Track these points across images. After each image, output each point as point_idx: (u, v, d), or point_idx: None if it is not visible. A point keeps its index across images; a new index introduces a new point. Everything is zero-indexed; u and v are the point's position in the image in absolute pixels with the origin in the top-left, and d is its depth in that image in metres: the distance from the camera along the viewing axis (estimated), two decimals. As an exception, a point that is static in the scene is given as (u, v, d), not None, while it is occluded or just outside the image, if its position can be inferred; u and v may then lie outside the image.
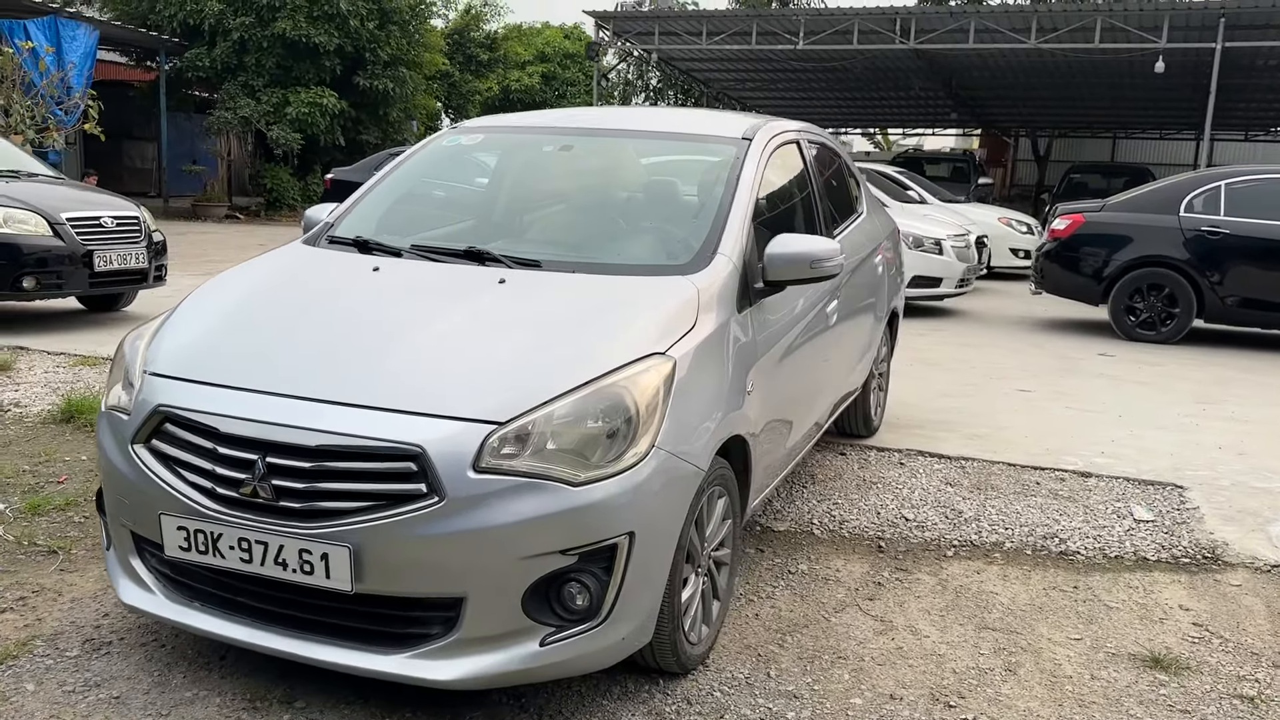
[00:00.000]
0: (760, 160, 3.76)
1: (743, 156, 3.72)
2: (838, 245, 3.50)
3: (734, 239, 3.36)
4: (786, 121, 4.44)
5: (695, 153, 3.86)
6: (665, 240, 3.53)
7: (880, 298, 5.20)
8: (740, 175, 3.62)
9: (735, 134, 3.90)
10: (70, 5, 25.13)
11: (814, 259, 3.40)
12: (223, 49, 22.43)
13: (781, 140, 4.11)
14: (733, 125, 4.00)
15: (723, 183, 3.60)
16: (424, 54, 25.00)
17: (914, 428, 5.93)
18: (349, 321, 3.00)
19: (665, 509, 2.66)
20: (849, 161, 5.27)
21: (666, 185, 3.89)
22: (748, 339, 3.27)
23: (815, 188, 4.36)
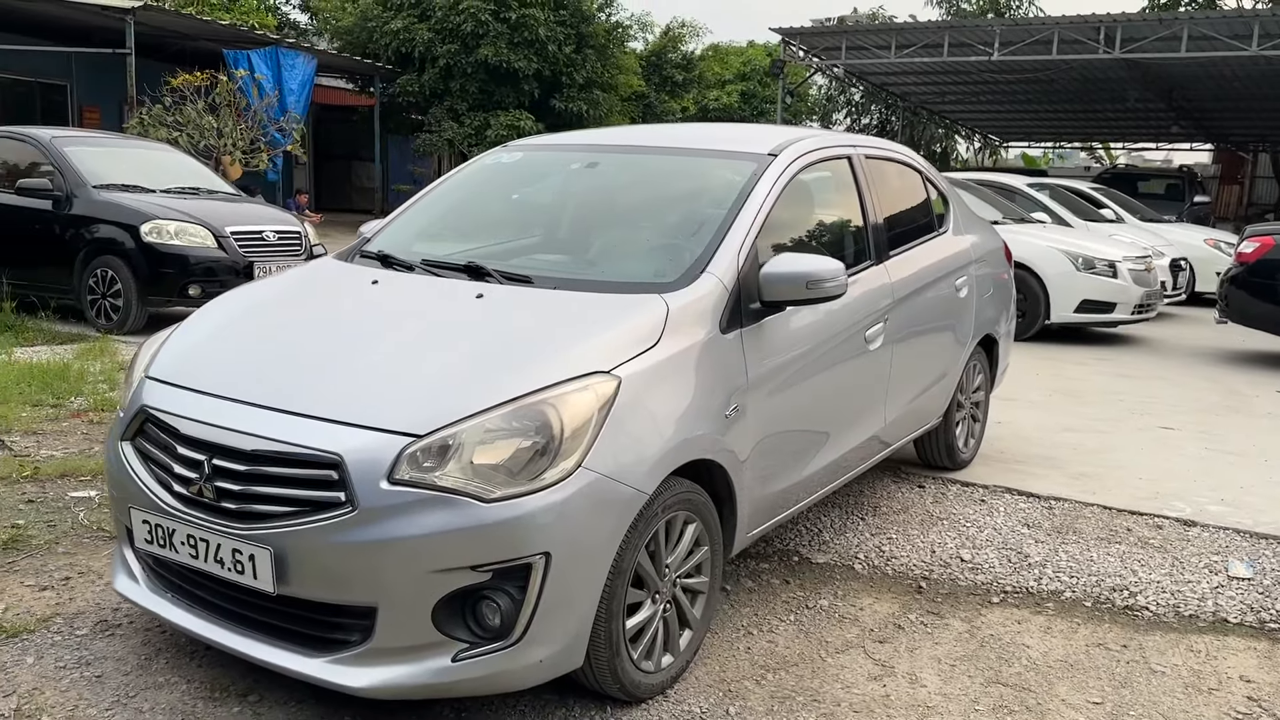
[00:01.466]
0: (779, 178, 3.63)
1: (760, 173, 3.62)
2: (839, 265, 3.34)
3: (728, 258, 3.27)
4: (840, 137, 4.29)
5: (715, 169, 3.78)
6: (661, 258, 3.47)
7: (963, 322, 4.90)
8: (751, 193, 3.52)
9: (761, 150, 3.79)
10: (290, 36, 27.38)
11: (811, 278, 3.26)
12: (430, 75, 23.74)
13: (819, 157, 3.96)
14: (765, 141, 3.90)
15: (730, 200, 3.51)
16: (619, 76, 25.58)
17: (1016, 463, 5.55)
18: (321, 333, 3.12)
19: (593, 531, 2.62)
20: (935, 179, 5.00)
21: (678, 202, 3.83)
22: (736, 360, 3.17)
23: (869, 206, 4.17)
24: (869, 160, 4.33)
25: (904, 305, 4.25)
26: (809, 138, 4.02)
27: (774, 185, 3.60)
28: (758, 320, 3.30)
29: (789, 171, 3.71)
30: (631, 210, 3.90)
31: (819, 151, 3.98)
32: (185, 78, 14.37)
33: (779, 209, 3.61)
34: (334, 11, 26.23)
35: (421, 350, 2.90)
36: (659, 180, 3.96)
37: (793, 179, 3.72)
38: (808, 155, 3.88)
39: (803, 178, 3.83)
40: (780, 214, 3.63)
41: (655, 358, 2.89)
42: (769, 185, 3.58)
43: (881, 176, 4.48)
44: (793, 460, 3.59)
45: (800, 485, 3.69)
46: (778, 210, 3.60)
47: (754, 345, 3.27)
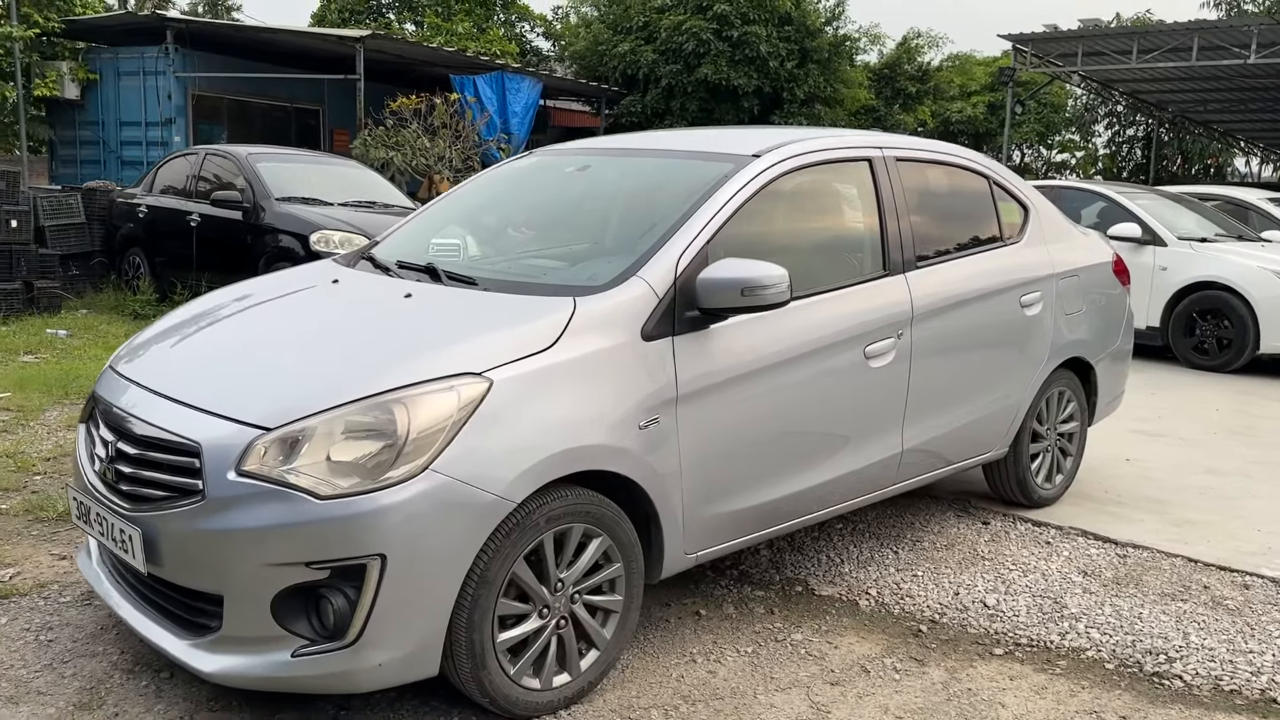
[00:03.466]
0: (752, 181, 3.43)
1: (729, 176, 3.44)
2: (780, 273, 3.10)
3: (665, 262, 3.12)
4: (869, 138, 4.00)
5: (694, 172, 3.59)
6: (606, 260, 3.35)
7: (1033, 343, 4.42)
8: (712, 196, 3.35)
9: (745, 151, 3.60)
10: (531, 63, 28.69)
11: (747, 285, 3.06)
12: (653, 95, 24.24)
13: (816, 159, 3.71)
14: (756, 142, 3.69)
15: (689, 204, 3.34)
16: (843, 90, 25.08)
17: (1115, 503, 4.95)
18: (253, 328, 3.26)
19: (440, 536, 2.56)
20: (1010, 185, 4.54)
21: (645, 205, 3.69)
22: (661, 370, 3.01)
23: (890, 213, 3.86)
24: (901, 164, 4.00)
25: (932, 321, 3.90)
26: (811, 139, 3.78)
27: (743, 188, 3.40)
28: (697, 328, 3.12)
29: (767, 174, 3.49)
30: (600, 213, 3.81)
31: (819, 154, 3.73)
32: (403, 101, 15.38)
33: (749, 213, 3.42)
34: (569, 37, 27.32)
35: (313, 347, 2.96)
36: (638, 183, 3.86)
37: (771, 182, 3.51)
38: (800, 157, 3.64)
39: (789, 181, 3.60)
40: (751, 218, 3.43)
41: (544, 361, 2.80)
42: (736, 188, 3.39)
43: (919, 181, 4.13)
44: (754, 481, 3.36)
45: (772, 508, 3.46)
46: (747, 214, 3.41)
47: (691, 354, 3.09)
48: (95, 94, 17.73)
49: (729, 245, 3.36)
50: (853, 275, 3.74)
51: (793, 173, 3.61)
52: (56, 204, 10.99)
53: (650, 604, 3.68)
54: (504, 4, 30.31)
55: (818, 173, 3.75)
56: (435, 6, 27.74)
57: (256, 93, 18.79)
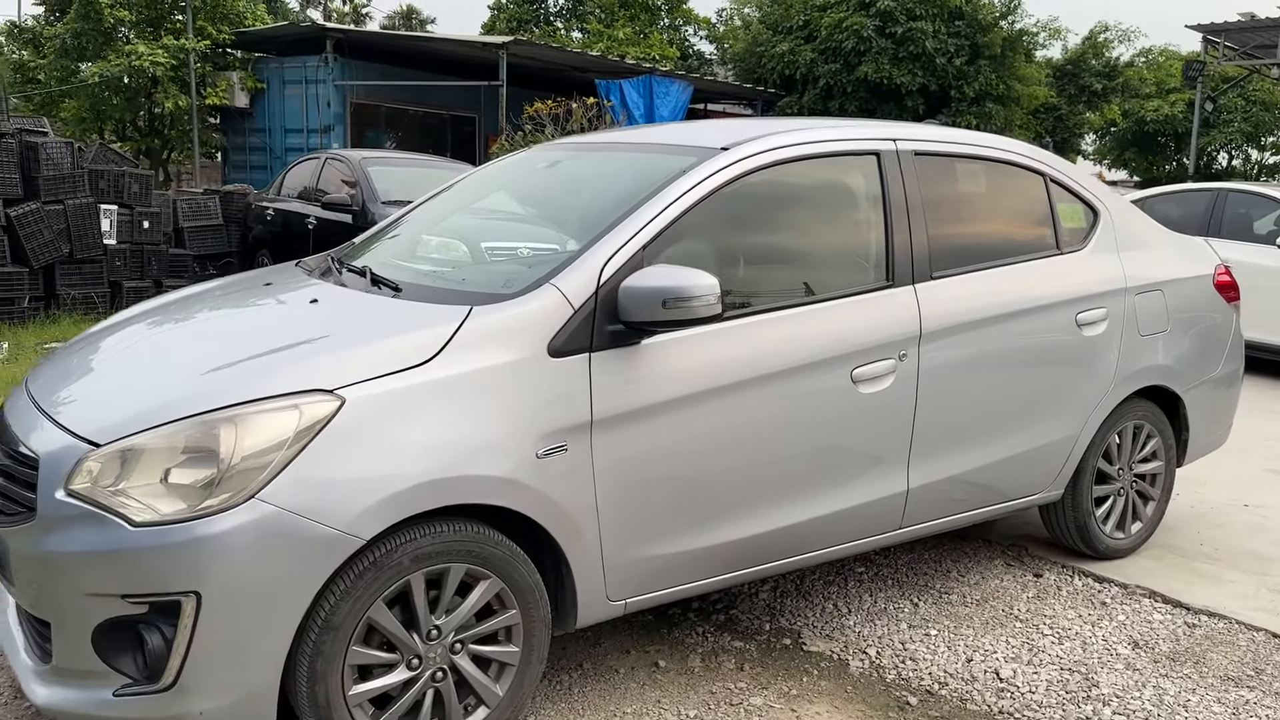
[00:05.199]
0: (711, 177, 3.01)
1: (684, 171, 3.02)
2: (709, 283, 2.68)
3: (587, 268, 2.76)
4: (881, 128, 3.48)
5: (655, 167, 3.18)
6: (529, 265, 3.01)
7: (1093, 367, 3.78)
8: (659, 194, 2.95)
9: (713, 144, 3.17)
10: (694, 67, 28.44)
11: (670, 295, 2.66)
12: (810, 96, 23.56)
13: (803, 153, 3.24)
14: (732, 133, 3.27)
15: (630, 203, 2.96)
16: (1018, 87, 23.63)
17: (1207, 559, 4.21)
18: (156, 333, 3.07)
19: (267, 575, 2.29)
20: (1073, 183, 3.90)
21: (595, 203, 3.30)
22: (572, 390, 2.65)
23: (899, 214, 3.34)
24: (922, 159, 3.47)
25: (948, 340, 3.36)
26: (801, 130, 3.32)
27: (698, 185, 2.99)
28: (622, 344, 2.73)
29: (733, 170, 3.06)
30: (551, 212, 3.45)
31: (805, 147, 3.26)
32: (540, 105, 15.40)
33: (708, 213, 3.01)
34: (729, 39, 26.95)
35: (184, 358, 2.74)
36: (597, 181, 3.48)
37: (738, 179, 3.07)
38: (778, 151, 3.18)
39: (763, 177, 3.15)
40: (711, 219, 3.02)
41: (417, 379, 2.49)
42: (690, 185, 2.98)
43: (945, 179, 3.59)
44: (704, 520, 2.95)
45: (730, 551, 3.03)
46: (705, 215, 3.00)
47: (613, 374, 2.72)
48: (263, 102, 18.66)
49: (680, 250, 2.95)
50: (843, 286, 3.25)
51: (769, 168, 3.15)
52: (196, 207, 11.49)
53: (609, 650, 3.32)
54: (669, 9, 30.25)
55: (804, 168, 3.28)
56: (598, 12, 27.93)
57: (413, 100, 19.34)
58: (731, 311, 3.01)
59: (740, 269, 3.19)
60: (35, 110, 17.94)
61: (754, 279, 3.20)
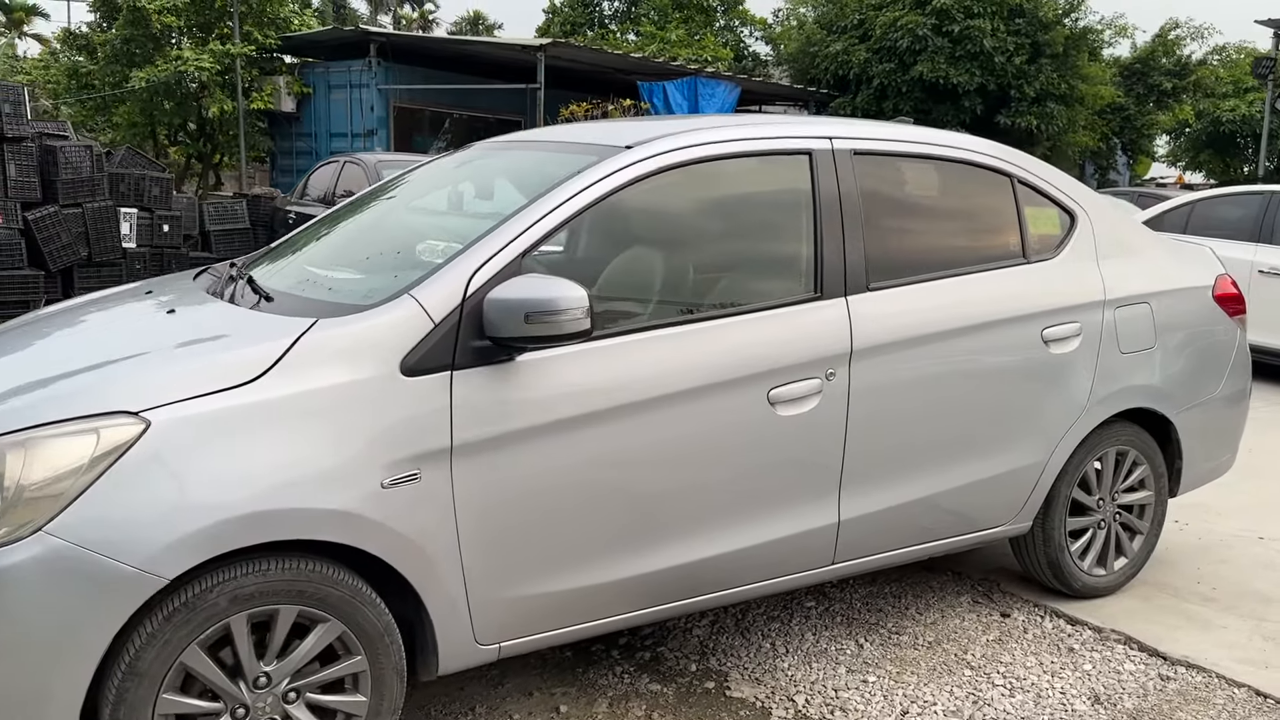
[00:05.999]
0: (606, 179, 2.75)
1: (580, 172, 2.77)
2: (577, 295, 2.43)
3: (453, 278, 2.52)
4: (811, 125, 3.18)
5: (553, 166, 2.93)
6: (394, 273, 2.77)
7: (1063, 390, 3.42)
8: (545, 196, 2.70)
9: (619, 142, 2.91)
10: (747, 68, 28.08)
11: (531, 308, 2.40)
12: (864, 96, 23.04)
13: (718, 152, 2.96)
14: (644, 131, 2.99)
15: (513, 206, 2.71)
16: (1082, 86, 22.82)
17: (1199, 599, 3.81)
18: (16, 344, 2.89)
19: (55, 616, 2.09)
20: (1045, 184, 3.54)
21: (480, 207, 3.05)
22: (429, 413, 2.41)
23: (831, 220, 3.03)
24: (862, 158, 3.16)
25: (885, 358, 3.05)
26: (719, 128, 3.03)
27: (591, 187, 2.73)
28: (491, 361, 2.49)
29: (635, 170, 2.79)
30: (446, 219, 3.21)
31: (721, 145, 2.97)
32: (575, 108, 15.25)
33: (603, 218, 2.76)
34: (783, 39, 26.53)
35: (9, 375, 2.53)
36: (498, 179, 3.22)
37: (640, 180, 2.80)
38: (688, 150, 2.89)
39: (671, 179, 2.87)
40: (606, 225, 2.76)
41: (239, 399, 2.26)
42: (581, 186, 2.72)
43: (891, 181, 3.28)
44: (590, 556, 2.69)
45: (625, 590, 2.77)
46: (599, 219, 2.76)
47: (479, 394, 2.47)
48: (309, 107, 18.80)
49: (570, 258, 2.70)
50: (762, 299, 2.96)
51: (677, 169, 2.87)
52: (222, 211, 11.51)
53: (511, 691, 3.08)
54: (725, 9, 29.92)
55: (721, 169, 3.00)
56: (652, 14, 27.72)
57: (457, 104, 19.31)
58: (629, 325, 2.76)
59: (642, 279, 2.92)
60: (89, 115, 18.30)
61: (658, 290, 2.93)
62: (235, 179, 19.22)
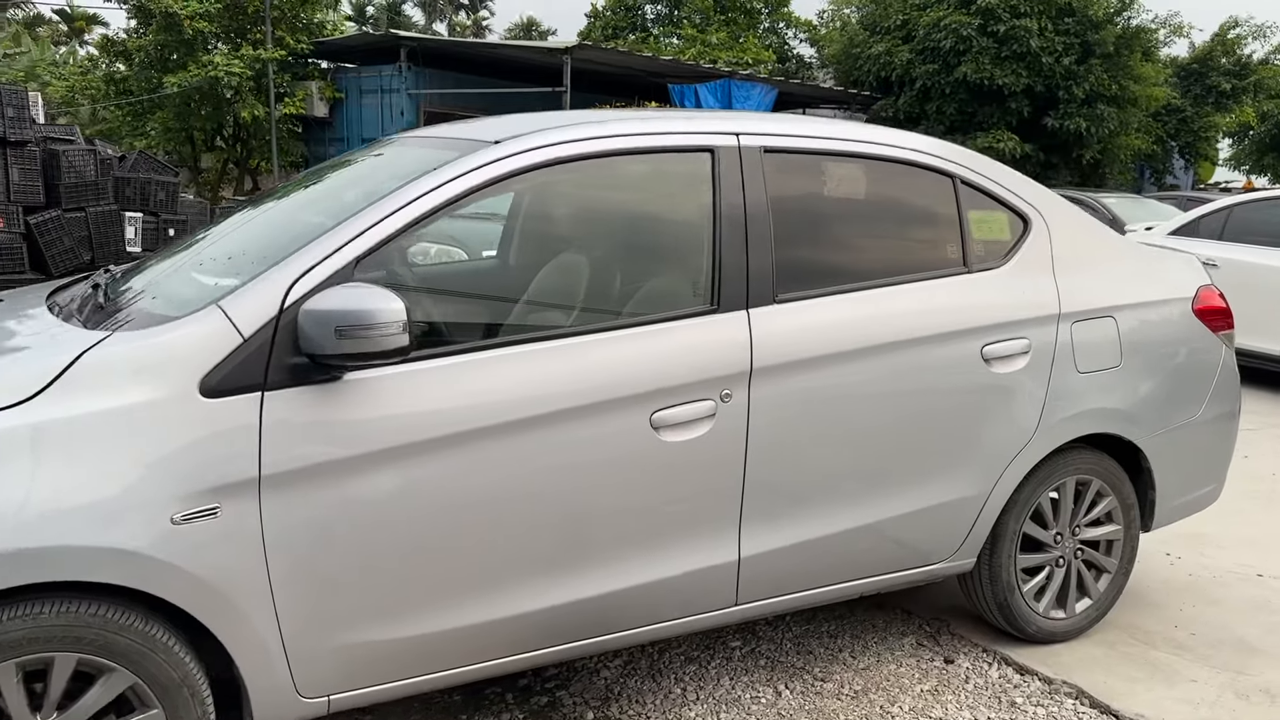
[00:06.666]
0: (461, 178, 2.49)
1: (434, 169, 2.50)
2: (394, 310, 2.16)
3: (270, 288, 2.27)
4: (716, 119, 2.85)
5: (417, 163, 2.65)
6: (231, 279, 2.50)
7: (1007, 414, 3.07)
8: (392, 194, 2.44)
9: (487, 138, 2.64)
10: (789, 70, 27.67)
11: (342, 323, 2.14)
12: (906, 98, 22.53)
13: (604, 149, 2.66)
14: (520, 126, 2.72)
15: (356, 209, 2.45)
16: (1133, 87, 22.05)
17: (1174, 646, 3.42)
18: None
19: None
20: (993, 186, 3.19)
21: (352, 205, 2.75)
22: (234, 439, 2.16)
23: (734, 224, 2.73)
24: (773, 156, 2.85)
25: (792, 378, 2.73)
26: (607, 123, 2.73)
27: (442, 187, 2.47)
28: (311, 381, 2.23)
29: (496, 169, 2.52)
30: (315, 216, 2.93)
31: (610, 141, 2.68)
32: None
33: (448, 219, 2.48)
34: (827, 41, 26.08)
35: None
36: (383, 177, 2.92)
37: (501, 179, 2.53)
38: (567, 146, 2.61)
39: (542, 178, 2.62)
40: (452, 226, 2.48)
41: (5, 423, 2.02)
42: (431, 186, 2.46)
43: (810, 181, 2.96)
44: (437, 598, 2.41)
45: (483, 635, 2.49)
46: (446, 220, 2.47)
47: (295, 417, 2.22)
48: (342, 111, 18.81)
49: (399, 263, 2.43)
50: (647, 311, 2.66)
51: (551, 166, 2.59)
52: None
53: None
54: (769, 11, 29.53)
55: (607, 166, 2.71)
56: (694, 16, 27.42)
57: (486, 108, 19.13)
58: (485, 341, 2.49)
59: (507, 289, 2.64)
60: (125, 121, 18.49)
61: (525, 303, 2.65)
62: (271, 184, 19.30)
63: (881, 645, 3.39)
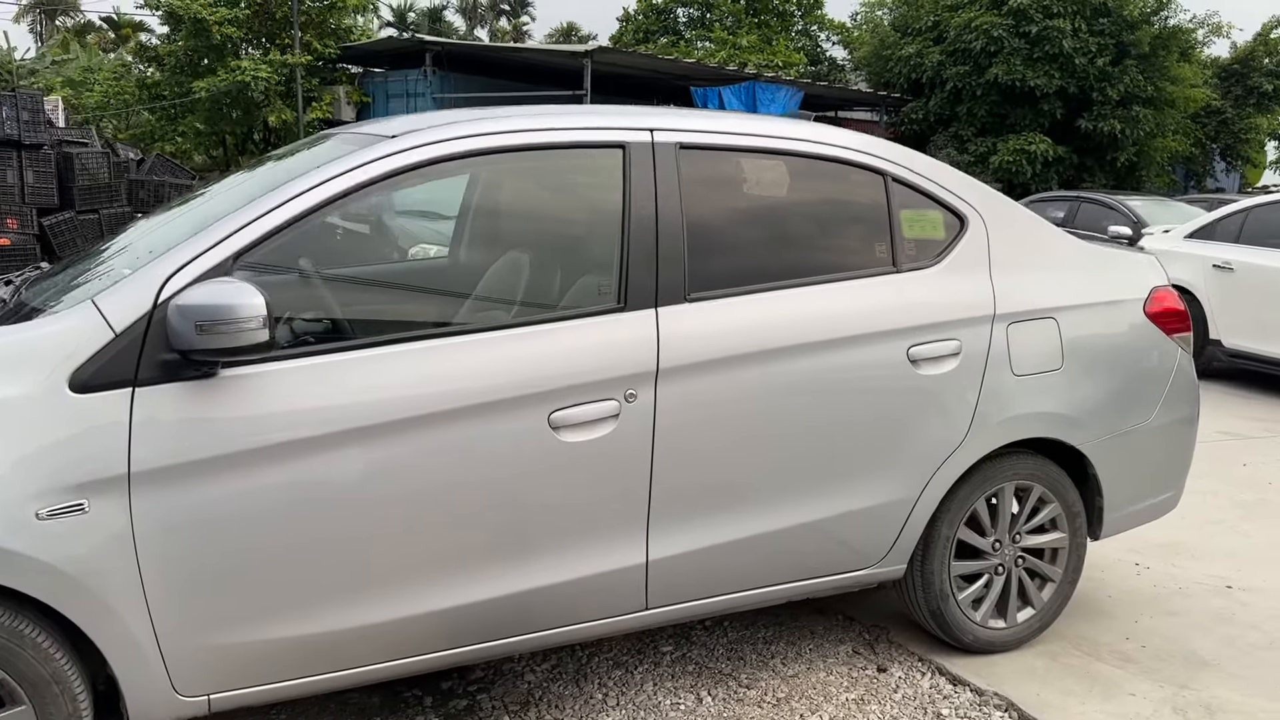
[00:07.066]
0: (351, 172, 2.46)
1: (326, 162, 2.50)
2: (251, 304, 2.14)
3: (145, 282, 2.27)
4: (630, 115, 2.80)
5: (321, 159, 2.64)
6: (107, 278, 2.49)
7: (937, 416, 2.99)
8: (271, 193, 2.43)
9: (385, 133, 2.62)
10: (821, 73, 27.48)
11: (201, 318, 2.13)
12: (937, 100, 22.29)
13: (506, 144, 2.62)
14: (428, 120, 2.70)
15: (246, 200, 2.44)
16: (1170, 88, 21.62)
17: (1119, 658, 3.31)
18: None
19: None
20: (929, 184, 3.11)
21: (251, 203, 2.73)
22: (99, 435, 2.15)
23: (647, 222, 2.68)
24: (689, 152, 2.80)
25: (702, 378, 2.68)
26: (527, 116, 2.70)
27: (326, 183, 2.44)
28: (185, 377, 2.22)
29: (388, 164, 2.50)
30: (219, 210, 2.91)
31: (514, 136, 2.64)
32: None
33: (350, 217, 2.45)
34: (858, 43, 25.88)
35: None
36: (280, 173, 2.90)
37: (393, 175, 2.50)
38: (466, 141, 2.58)
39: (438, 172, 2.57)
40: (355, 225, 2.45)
41: None
42: (314, 182, 2.45)
43: (727, 178, 2.90)
44: (322, 597, 2.39)
45: (375, 636, 2.46)
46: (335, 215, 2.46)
47: (170, 414, 2.21)
48: (369, 116, 18.94)
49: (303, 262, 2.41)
50: (550, 309, 2.63)
51: (450, 161, 2.57)
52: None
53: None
54: (803, 13, 29.39)
55: (512, 162, 2.68)
56: (725, 19, 27.35)
57: (513, 111, 19.27)
58: (374, 339, 2.47)
59: (403, 285, 2.62)
60: (157, 125, 18.79)
61: (413, 298, 2.62)
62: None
63: (816, 652, 3.31)
